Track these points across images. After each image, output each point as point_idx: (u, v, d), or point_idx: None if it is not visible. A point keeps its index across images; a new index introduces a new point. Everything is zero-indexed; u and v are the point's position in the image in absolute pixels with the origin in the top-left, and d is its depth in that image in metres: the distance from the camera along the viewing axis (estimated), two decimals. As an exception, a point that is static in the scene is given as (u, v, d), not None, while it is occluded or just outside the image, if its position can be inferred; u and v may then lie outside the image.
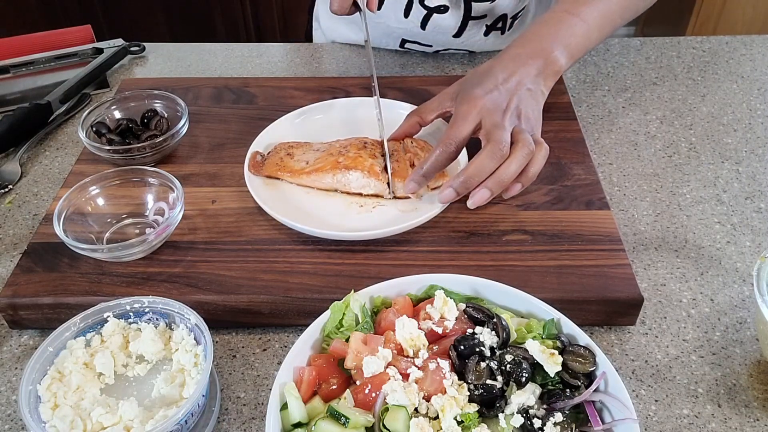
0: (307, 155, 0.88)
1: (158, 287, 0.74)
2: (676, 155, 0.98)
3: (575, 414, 0.58)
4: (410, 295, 0.67)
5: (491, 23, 1.15)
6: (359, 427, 0.56)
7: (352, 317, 0.64)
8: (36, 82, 1.16)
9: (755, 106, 1.06)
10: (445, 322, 0.63)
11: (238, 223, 0.82)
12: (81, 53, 1.20)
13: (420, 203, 0.84)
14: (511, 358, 0.59)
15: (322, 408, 0.58)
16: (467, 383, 0.58)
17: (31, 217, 0.90)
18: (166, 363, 0.67)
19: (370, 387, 0.58)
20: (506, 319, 0.62)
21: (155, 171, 0.83)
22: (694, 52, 1.20)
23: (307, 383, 0.59)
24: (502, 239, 0.79)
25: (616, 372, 0.58)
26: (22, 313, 0.74)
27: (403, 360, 0.60)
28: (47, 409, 0.61)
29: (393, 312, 0.64)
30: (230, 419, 0.67)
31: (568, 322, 0.63)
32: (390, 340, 0.62)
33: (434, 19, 1.14)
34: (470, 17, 1.12)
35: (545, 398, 0.59)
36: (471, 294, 0.67)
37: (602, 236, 0.79)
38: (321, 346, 0.64)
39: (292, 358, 0.61)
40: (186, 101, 0.96)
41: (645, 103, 1.08)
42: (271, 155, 0.89)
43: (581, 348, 0.60)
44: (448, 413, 0.55)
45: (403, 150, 0.89)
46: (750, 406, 0.67)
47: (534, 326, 0.63)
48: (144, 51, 1.24)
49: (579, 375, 0.59)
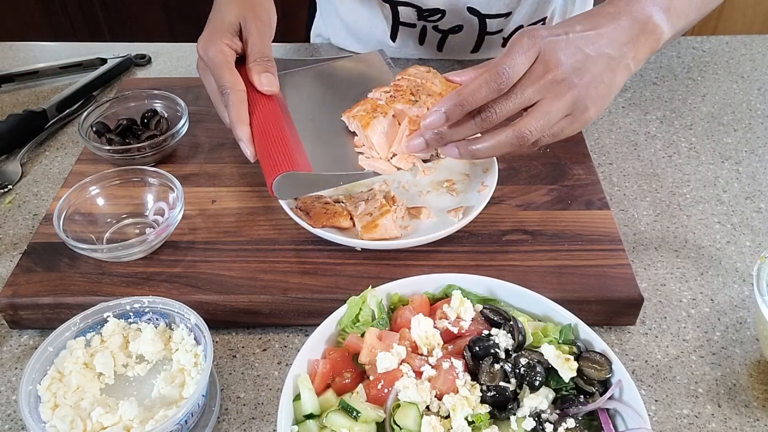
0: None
1: (158, 287, 0.74)
2: (676, 155, 0.98)
3: (588, 420, 0.58)
4: (427, 294, 0.68)
5: (508, 36, 1.14)
6: (370, 422, 0.56)
7: (368, 313, 0.65)
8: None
9: (755, 106, 1.06)
10: (461, 323, 0.63)
11: (238, 223, 0.82)
12: (86, 63, 1.19)
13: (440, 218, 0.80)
14: (525, 361, 0.59)
15: (334, 401, 0.59)
16: (480, 384, 0.58)
17: (31, 217, 0.90)
18: (166, 363, 0.67)
19: (382, 383, 0.58)
20: (523, 322, 0.63)
21: (155, 171, 0.83)
22: (694, 52, 1.20)
23: (321, 376, 0.60)
24: (502, 239, 0.79)
25: (631, 380, 0.58)
26: (22, 313, 0.74)
27: (417, 358, 0.60)
28: (47, 409, 0.61)
29: (409, 309, 0.65)
30: (230, 419, 0.67)
31: (585, 327, 0.62)
32: (405, 338, 0.62)
33: (450, 40, 1.14)
34: (486, 33, 1.11)
35: (558, 403, 0.58)
36: (488, 295, 0.68)
37: (602, 236, 0.79)
38: (336, 340, 0.65)
39: (307, 350, 0.61)
40: (186, 101, 0.96)
41: (645, 103, 1.08)
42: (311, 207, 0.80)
43: (597, 354, 0.60)
44: (460, 413, 0.56)
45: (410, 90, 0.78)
46: (750, 406, 0.67)
47: (550, 330, 0.63)
48: (150, 62, 1.23)
49: (594, 381, 0.59)
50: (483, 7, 1.06)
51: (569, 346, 0.61)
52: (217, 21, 0.81)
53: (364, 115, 0.75)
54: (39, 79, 1.18)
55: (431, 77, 0.79)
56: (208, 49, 0.78)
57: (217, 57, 0.78)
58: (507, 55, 0.66)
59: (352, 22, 1.18)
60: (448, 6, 1.06)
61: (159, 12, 2.56)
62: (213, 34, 0.79)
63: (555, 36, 0.67)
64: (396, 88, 0.78)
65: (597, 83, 0.67)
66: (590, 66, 0.67)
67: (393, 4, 1.08)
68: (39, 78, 1.18)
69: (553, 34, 0.67)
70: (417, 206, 0.81)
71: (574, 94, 0.67)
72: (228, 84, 0.76)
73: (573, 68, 0.66)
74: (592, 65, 0.67)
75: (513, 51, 0.66)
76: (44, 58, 1.25)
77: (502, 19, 1.09)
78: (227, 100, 0.76)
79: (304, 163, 0.72)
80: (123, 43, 1.27)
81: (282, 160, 0.71)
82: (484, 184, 0.84)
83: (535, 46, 0.66)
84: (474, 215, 0.78)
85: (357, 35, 1.19)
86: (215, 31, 0.80)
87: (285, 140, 0.74)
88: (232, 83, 0.76)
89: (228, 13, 0.81)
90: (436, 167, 0.88)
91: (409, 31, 1.13)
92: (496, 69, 0.64)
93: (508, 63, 0.65)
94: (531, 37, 0.67)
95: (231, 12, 0.81)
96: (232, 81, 0.77)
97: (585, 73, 0.67)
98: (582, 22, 0.69)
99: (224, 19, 0.80)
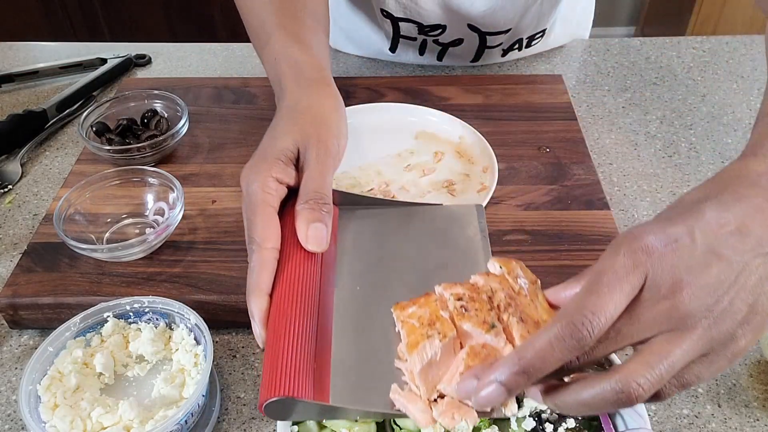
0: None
1: (158, 287, 0.74)
2: (676, 155, 0.98)
3: (588, 421, 0.58)
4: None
5: (508, 47, 1.14)
6: (370, 422, 0.56)
7: None
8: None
9: (755, 106, 1.06)
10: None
11: (238, 223, 0.82)
12: (86, 63, 1.19)
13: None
14: None
15: None
16: None
17: (31, 217, 0.90)
18: (166, 363, 0.67)
19: None
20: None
21: (155, 171, 0.83)
22: (694, 52, 1.20)
23: None
24: (502, 239, 0.79)
25: None
26: (22, 313, 0.74)
27: None
28: (47, 409, 0.61)
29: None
30: (230, 419, 0.67)
31: None
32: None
33: (450, 51, 1.13)
34: (486, 46, 1.12)
35: (559, 404, 0.58)
36: None
37: (602, 236, 0.79)
38: None
39: None
40: (186, 101, 0.96)
41: (645, 103, 1.08)
42: None
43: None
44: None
45: (506, 297, 0.52)
46: (750, 406, 0.67)
47: None
48: (150, 63, 1.23)
49: None
50: (483, 26, 1.06)
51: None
52: (268, 145, 0.63)
53: (415, 328, 0.52)
54: (39, 79, 1.18)
55: (533, 290, 0.53)
56: (251, 182, 0.60)
57: (257, 195, 0.59)
58: (593, 291, 0.43)
59: (352, 30, 1.18)
60: (449, 22, 1.06)
61: (159, 12, 2.57)
62: (260, 163, 0.61)
63: (671, 244, 0.44)
64: (472, 293, 0.53)
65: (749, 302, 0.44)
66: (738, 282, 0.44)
67: (394, 19, 1.08)
68: (39, 78, 1.18)
69: (669, 239, 0.44)
70: None
71: (709, 327, 0.43)
72: (257, 237, 0.57)
73: (708, 293, 0.43)
74: (742, 278, 0.44)
75: (602, 283, 0.43)
76: (44, 58, 1.25)
77: (502, 35, 1.09)
78: (250, 257, 0.57)
79: (319, 384, 0.52)
80: (123, 43, 1.27)
81: (290, 372, 0.51)
82: (484, 184, 0.84)
83: (639, 270, 0.43)
84: None
85: (356, 42, 1.20)
86: (263, 158, 0.61)
87: (307, 331, 0.53)
88: (261, 238, 0.57)
89: (285, 136, 0.63)
90: (436, 168, 0.88)
91: (409, 43, 1.13)
92: (576, 318, 0.42)
93: (593, 307, 0.42)
94: (631, 252, 0.44)
95: (289, 135, 0.63)
96: (263, 235, 0.57)
97: (724, 297, 0.43)
98: (711, 207, 0.45)
99: (278, 144, 0.62)
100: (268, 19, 0.78)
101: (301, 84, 0.69)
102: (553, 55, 1.20)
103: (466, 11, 1.02)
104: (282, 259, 0.57)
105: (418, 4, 1.03)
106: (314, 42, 0.77)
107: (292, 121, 0.64)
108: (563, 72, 1.15)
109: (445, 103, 1.01)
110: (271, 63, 0.74)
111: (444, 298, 0.53)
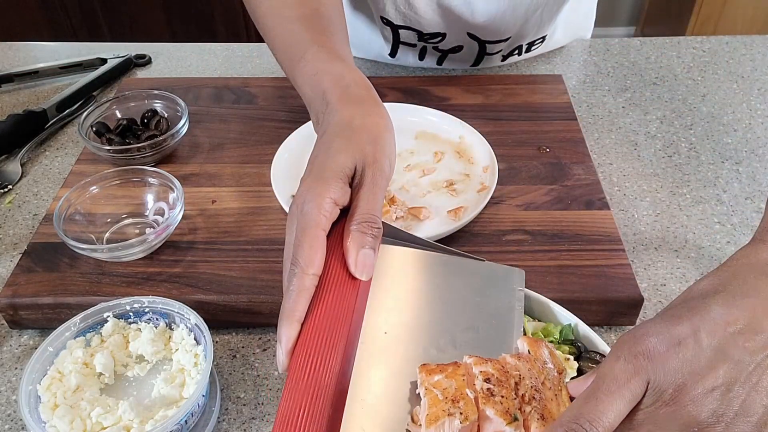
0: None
1: (158, 287, 0.74)
2: (676, 155, 0.98)
3: None
4: None
5: (508, 53, 1.15)
6: None
7: None
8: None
9: (755, 106, 1.06)
10: None
11: (238, 223, 0.82)
12: (86, 63, 1.19)
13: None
14: None
15: None
16: None
17: (31, 217, 0.90)
18: (166, 363, 0.67)
19: None
20: (523, 321, 0.62)
21: (155, 171, 0.83)
22: (694, 52, 1.20)
23: None
24: (502, 239, 0.79)
25: None
26: (22, 313, 0.74)
27: None
28: (47, 409, 0.61)
29: None
30: (230, 419, 0.67)
31: (585, 327, 0.62)
32: None
33: (450, 57, 1.14)
34: (486, 53, 1.12)
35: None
36: None
37: (602, 236, 0.79)
38: None
39: None
40: (186, 101, 0.96)
41: (645, 103, 1.08)
42: None
43: (597, 354, 0.60)
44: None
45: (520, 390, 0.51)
46: (750, 406, 0.67)
47: (551, 330, 0.63)
48: (150, 63, 1.22)
49: None
50: (483, 34, 1.06)
51: (569, 346, 0.61)
52: (328, 162, 0.59)
53: (438, 401, 0.51)
54: (39, 79, 1.18)
55: (558, 383, 0.53)
56: (307, 201, 0.56)
57: (311, 215, 0.55)
58: (593, 398, 0.42)
59: (353, 35, 1.18)
60: (449, 30, 1.06)
61: (159, 12, 2.57)
62: (319, 182, 0.57)
63: (675, 347, 0.42)
64: (501, 375, 0.51)
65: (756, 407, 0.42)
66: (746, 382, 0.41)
67: (394, 27, 1.08)
68: (39, 78, 1.18)
69: (672, 341, 0.42)
70: (417, 206, 0.81)
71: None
72: (302, 261, 0.53)
73: (715, 397, 0.41)
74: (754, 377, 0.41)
75: (602, 389, 0.42)
76: (44, 58, 1.25)
77: (501, 44, 1.09)
78: (290, 279, 0.54)
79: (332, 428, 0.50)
80: (123, 43, 1.27)
81: (305, 423, 0.49)
82: (484, 184, 0.84)
83: (640, 375, 0.42)
84: (474, 215, 0.78)
85: (357, 46, 1.20)
86: (320, 177, 0.57)
87: (329, 373, 0.51)
88: (306, 263, 0.53)
89: (342, 154, 0.59)
90: (436, 168, 0.88)
91: (409, 48, 1.14)
92: (573, 426, 0.42)
93: (591, 415, 0.41)
94: (632, 357, 0.42)
95: (347, 153, 0.59)
96: (308, 259, 0.53)
97: (735, 400, 0.41)
98: (718, 302, 0.44)
99: (336, 162, 0.58)
100: (301, 36, 0.75)
101: (352, 101, 0.65)
102: (553, 56, 1.20)
103: (465, 21, 1.02)
104: (321, 284, 0.54)
105: (418, 13, 1.03)
106: (350, 57, 0.75)
107: (347, 139, 0.61)
108: (563, 72, 1.15)
109: (446, 103, 1.01)
110: (309, 77, 0.70)
111: (472, 374, 0.52)
